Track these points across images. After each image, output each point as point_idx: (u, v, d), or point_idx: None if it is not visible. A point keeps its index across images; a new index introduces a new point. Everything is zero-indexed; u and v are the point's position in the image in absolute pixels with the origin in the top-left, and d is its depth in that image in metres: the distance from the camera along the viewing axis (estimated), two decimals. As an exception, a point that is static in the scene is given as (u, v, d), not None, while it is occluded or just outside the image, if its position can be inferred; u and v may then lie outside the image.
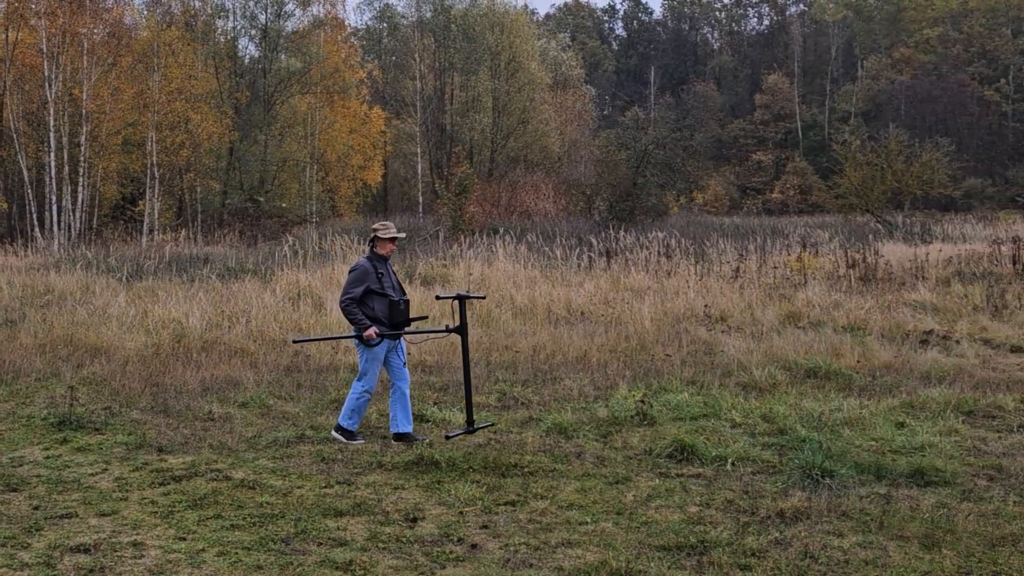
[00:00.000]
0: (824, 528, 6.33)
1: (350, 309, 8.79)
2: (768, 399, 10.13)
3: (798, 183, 78.75)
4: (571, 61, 77.68)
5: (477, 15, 62.05)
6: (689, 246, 24.16)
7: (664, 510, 6.73)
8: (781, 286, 18.41)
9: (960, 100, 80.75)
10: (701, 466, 7.85)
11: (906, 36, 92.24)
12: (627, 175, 42.29)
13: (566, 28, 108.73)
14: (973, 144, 77.77)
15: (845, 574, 5.57)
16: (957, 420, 9.29)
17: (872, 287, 18.45)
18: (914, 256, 22.09)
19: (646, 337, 13.70)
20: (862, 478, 7.43)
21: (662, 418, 9.33)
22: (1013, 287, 18.23)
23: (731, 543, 6.02)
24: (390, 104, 66.32)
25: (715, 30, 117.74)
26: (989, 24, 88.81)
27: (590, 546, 5.98)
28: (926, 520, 6.43)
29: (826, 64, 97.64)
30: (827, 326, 14.53)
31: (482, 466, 7.75)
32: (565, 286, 18.43)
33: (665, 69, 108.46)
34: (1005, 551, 5.90)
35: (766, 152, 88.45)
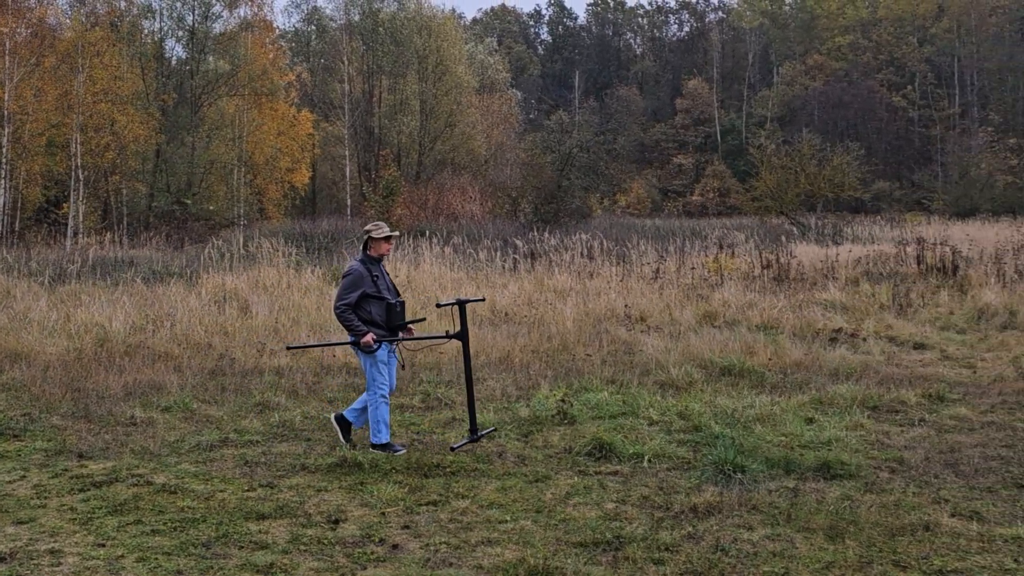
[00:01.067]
0: (735, 522, 6.44)
1: (346, 316, 8.32)
2: (684, 397, 10.28)
3: (717, 186, 79.85)
4: (497, 65, 77.82)
5: (405, 19, 61.82)
6: (611, 248, 24.37)
7: (582, 507, 6.80)
8: (699, 286, 18.66)
9: (870, 106, 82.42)
10: (619, 463, 7.93)
11: (819, 44, 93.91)
12: (552, 178, 42.55)
13: (493, 32, 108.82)
14: (882, 148, 79.46)
15: (754, 566, 5.66)
16: (863, 415, 9.53)
17: (785, 287, 18.77)
18: (825, 257, 22.55)
19: (568, 337, 13.79)
20: (772, 472, 7.57)
21: (582, 417, 9.41)
22: (917, 286, 18.71)
23: (646, 538, 6.10)
24: (318, 107, 65.72)
25: (637, 36, 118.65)
26: (896, 33, 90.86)
27: (509, 544, 6.03)
28: (831, 512, 6.58)
29: (744, 70, 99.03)
30: (742, 325, 14.76)
31: (405, 467, 7.75)
32: (490, 287, 18.46)
33: (589, 74, 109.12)
34: (904, 540, 6.07)
35: (686, 155, 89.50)
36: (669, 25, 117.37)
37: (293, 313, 15.71)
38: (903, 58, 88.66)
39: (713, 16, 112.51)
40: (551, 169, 43.39)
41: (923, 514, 6.56)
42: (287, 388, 10.93)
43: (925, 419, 9.46)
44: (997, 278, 18.89)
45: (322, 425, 9.29)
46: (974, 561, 5.75)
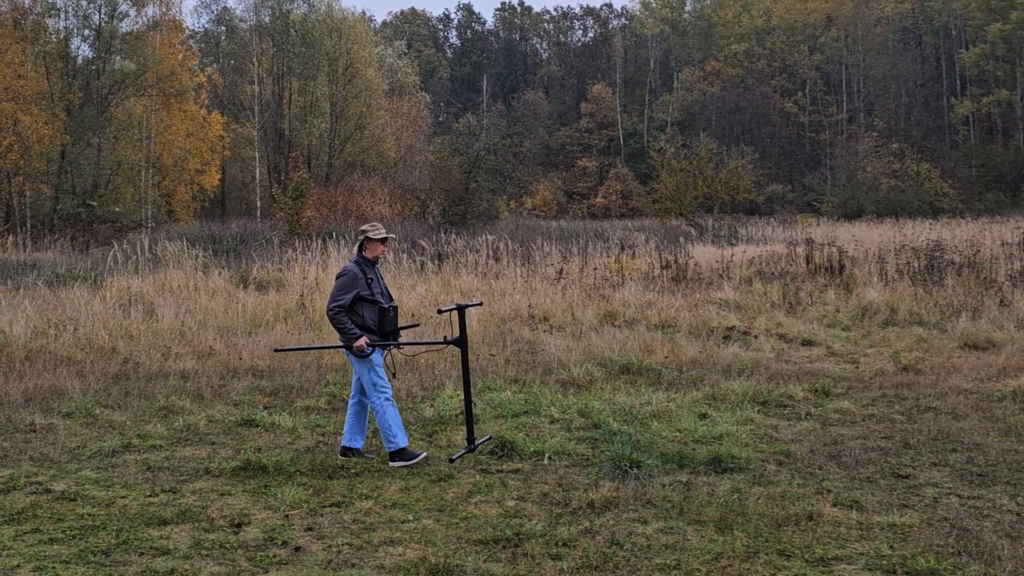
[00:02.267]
0: (630, 516, 6.54)
1: (339, 318, 7.94)
2: (585, 395, 10.40)
3: (620, 188, 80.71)
4: (407, 68, 77.46)
5: (315, 21, 61.10)
6: (517, 249, 24.46)
7: (483, 505, 6.83)
8: (601, 287, 18.84)
9: (764, 111, 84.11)
10: (520, 461, 8.00)
11: (717, 51, 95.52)
12: (460, 180, 42.54)
13: (402, 36, 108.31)
14: (775, 152, 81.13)
15: (647, 559, 5.75)
16: (753, 410, 9.76)
17: (683, 287, 19.06)
18: (721, 257, 22.98)
19: (473, 338, 13.77)
20: (667, 467, 7.71)
21: (485, 416, 9.46)
22: (806, 285, 19.19)
23: (544, 534, 6.15)
24: (228, 108, 64.54)
25: (544, 41, 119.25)
26: (789, 41, 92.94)
27: (411, 543, 6.03)
28: (721, 505, 6.73)
29: (645, 75, 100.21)
30: (641, 324, 14.98)
31: (309, 469, 7.68)
32: (398, 289, 18.36)
33: (497, 77, 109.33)
34: (789, 530, 6.22)
35: (591, 159, 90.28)
36: (574, 31, 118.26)
37: (200, 316, 15.44)
38: (795, 65, 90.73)
39: (616, 23, 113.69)
40: (459, 171, 43.39)
41: (807, 504, 6.75)
42: (192, 392, 10.74)
43: (811, 413, 9.74)
44: (880, 277, 19.49)
45: (227, 429, 9.15)
46: (853, 548, 5.93)
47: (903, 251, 23.23)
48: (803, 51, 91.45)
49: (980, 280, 18.39)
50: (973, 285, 17.94)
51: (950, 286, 18.02)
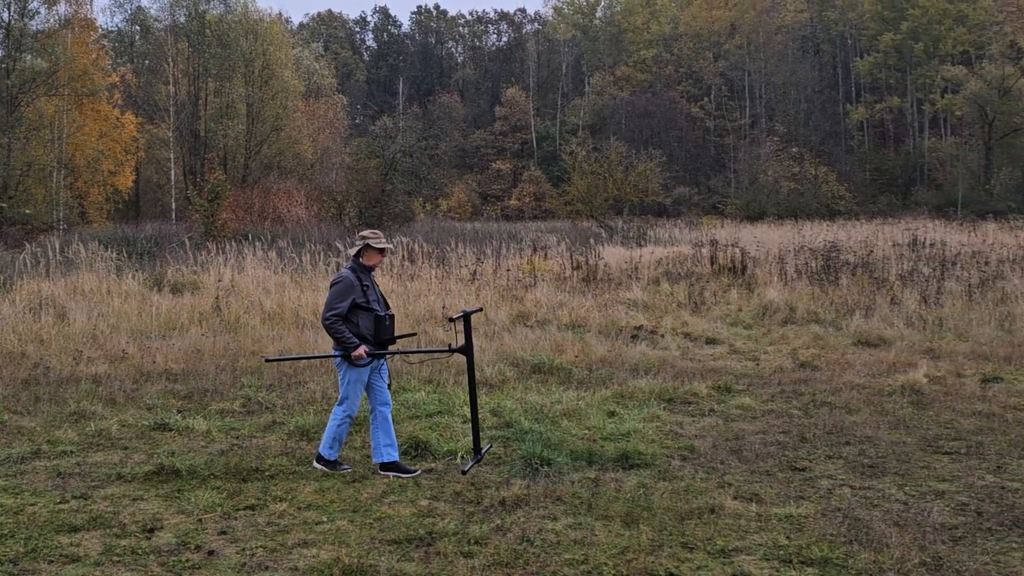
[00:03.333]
0: (540, 513, 6.59)
1: (336, 327, 7.53)
2: (498, 394, 10.45)
3: (533, 191, 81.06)
4: (324, 70, 76.58)
5: (231, 21, 59.99)
6: (432, 250, 24.43)
7: (397, 505, 6.82)
8: (514, 288, 18.90)
9: (671, 116, 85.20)
10: (434, 460, 8.01)
11: (626, 56, 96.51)
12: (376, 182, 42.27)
13: (319, 37, 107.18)
14: (682, 155, 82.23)
15: (556, 554, 5.80)
16: (659, 407, 9.92)
17: (593, 287, 19.24)
18: (630, 258, 23.27)
19: (388, 339, 13.75)
20: (576, 464, 7.78)
21: (400, 416, 9.42)
22: (711, 285, 19.55)
23: (457, 532, 6.17)
24: (143, 109, 63.00)
25: (459, 44, 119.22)
26: (695, 48, 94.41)
27: (325, 544, 5.99)
28: (628, 500, 6.83)
29: (558, 80, 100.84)
30: (552, 324, 15.07)
31: (223, 472, 7.56)
32: (314, 291, 18.20)
33: (413, 80, 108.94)
34: (692, 523, 6.35)
35: (505, 161, 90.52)
36: (489, 35, 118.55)
37: (113, 319, 15.08)
38: (701, 71, 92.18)
39: (530, 27, 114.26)
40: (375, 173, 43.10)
41: (709, 498, 6.89)
42: (104, 396, 10.46)
43: (714, 409, 9.93)
44: (780, 277, 19.94)
45: (140, 433, 8.96)
46: (752, 539, 6.08)
47: (802, 252, 23.81)
48: (708, 58, 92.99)
49: (873, 280, 18.94)
50: (866, 284, 18.48)
51: (845, 286, 18.53)
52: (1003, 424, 9.28)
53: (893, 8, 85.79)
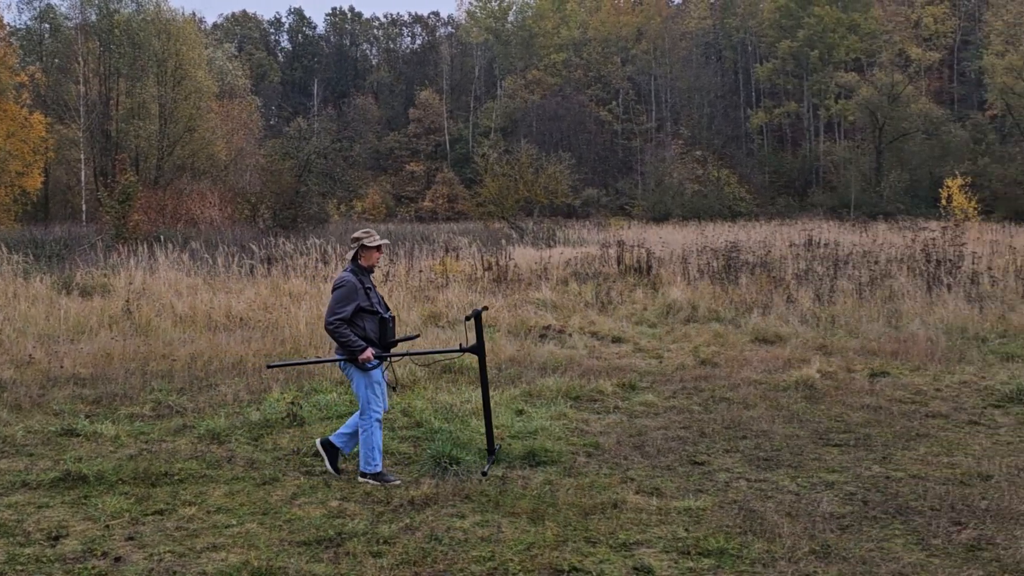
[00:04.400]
0: (449, 511, 6.62)
1: (341, 331, 7.27)
2: (409, 395, 10.40)
3: (446, 192, 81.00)
4: (238, 71, 75.25)
5: (143, 21, 58.53)
6: (346, 252, 24.18)
7: (307, 506, 6.77)
8: (426, 288, 18.87)
9: (581, 119, 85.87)
10: (344, 462, 7.94)
11: (537, 60, 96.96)
12: (291, 184, 41.75)
13: (233, 38, 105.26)
14: (591, 158, 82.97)
15: (464, 552, 5.83)
16: (566, 405, 10.01)
17: (503, 287, 19.30)
18: (540, 259, 23.41)
19: (301, 340, 13.60)
20: (484, 463, 7.83)
21: (311, 418, 9.35)
22: (617, 285, 19.77)
23: (366, 533, 6.16)
24: (52, 109, 61.03)
25: (374, 47, 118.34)
26: (603, 53, 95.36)
27: (234, 548, 5.91)
28: (534, 497, 6.88)
29: (471, 82, 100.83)
30: (463, 325, 15.06)
31: (132, 477, 7.39)
32: (226, 293, 17.93)
33: (328, 82, 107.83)
34: (595, 518, 6.44)
35: (419, 163, 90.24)
36: (403, 37, 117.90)
37: (19, 323, 14.61)
38: (609, 76, 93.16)
39: (443, 30, 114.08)
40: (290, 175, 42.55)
41: (613, 493, 6.99)
42: (9, 402, 10.11)
43: (619, 406, 10.06)
44: (683, 277, 20.29)
45: (46, 439, 8.71)
46: (653, 532, 6.19)
47: (704, 252, 24.23)
48: (616, 62, 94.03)
49: (770, 279, 19.36)
50: (764, 283, 18.90)
51: (744, 285, 18.93)
52: (889, 416, 9.60)
53: (790, 16, 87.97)
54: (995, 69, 72.20)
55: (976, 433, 8.98)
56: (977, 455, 8.13)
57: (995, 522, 6.34)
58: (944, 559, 5.74)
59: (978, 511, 6.57)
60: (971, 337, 14.19)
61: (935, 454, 8.21)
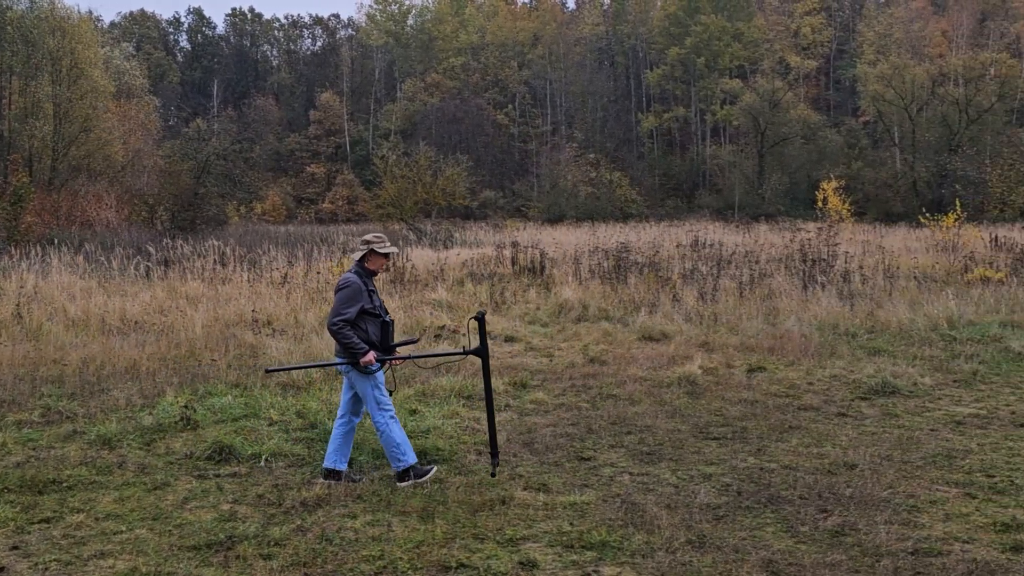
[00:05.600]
0: (340, 512, 6.58)
1: (344, 333, 7.10)
2: (304, 396, 10.28)
3: (346, 194, 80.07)
4: (135, 71, 72.92)
5: (36, 18, 56.17)
6: (244, 254, 23.81)
7: (199, 511, 6.65)
8: (324, 290, 18.65)
9: (479, 122, 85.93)
10: (238, 464, 7.83)
11: (437, 63, 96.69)
12: (189, 185, 40.89)
13: (131, 37, 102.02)
14: (488, 160, 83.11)
15: (355, 552, 5.82)
16: (459, 404, 10.03)
17: (400, 288, 19.23)
18: (437, 260, 23.36)
19: (196, 343, 13.31)
20: (377, 462, 7.80)
21: (205, 421, 9.16)
22: (511, 285, 19.88)
23: (257, 535, 6.09)
24: (-62, 108, 58.26)
25: (274, 48, 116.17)
26: (501, 57, 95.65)
27: (123, 554, 5.78)
28: (425, 495, 6.89)
29: (371, 85, 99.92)
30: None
31: (18, 485, 7.13)
32: (121, 296, 17.44)
33: (228, 83, 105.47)
34: (484, 515, 6.49)
35: (319, 165, 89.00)
36: (304, 39, 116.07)
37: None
38: (506, 80, 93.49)
39: (344, 32, 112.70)
40: (189, 176, 41.64)
41: (501, 490, 7.04)
42: None
43: (510, 404, 10.13)
44: (575, 277, 20.52)
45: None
46: (539, 527, 6.26)
47: (596, 253, 24.54)
48: (513, 67, 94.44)
49: (658, 278, 19.72)
50: (652, 283, 19.24)
51: (633, 284, 19.24)
52: (764, 410, 9.90)
53: (679, 24, 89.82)
54: (867, 77, 75.06)
55: (844, 424, 9.32)
56: (844, 445, 8.44)
57: (858, 508, 6.61)
58: (811, 545, 5.95)
59: (843, 498, 6.83)
60: (842, 333, 14.71)
61: (806, 445, 8.50)
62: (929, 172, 61.49)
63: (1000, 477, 7.36)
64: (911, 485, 7.18)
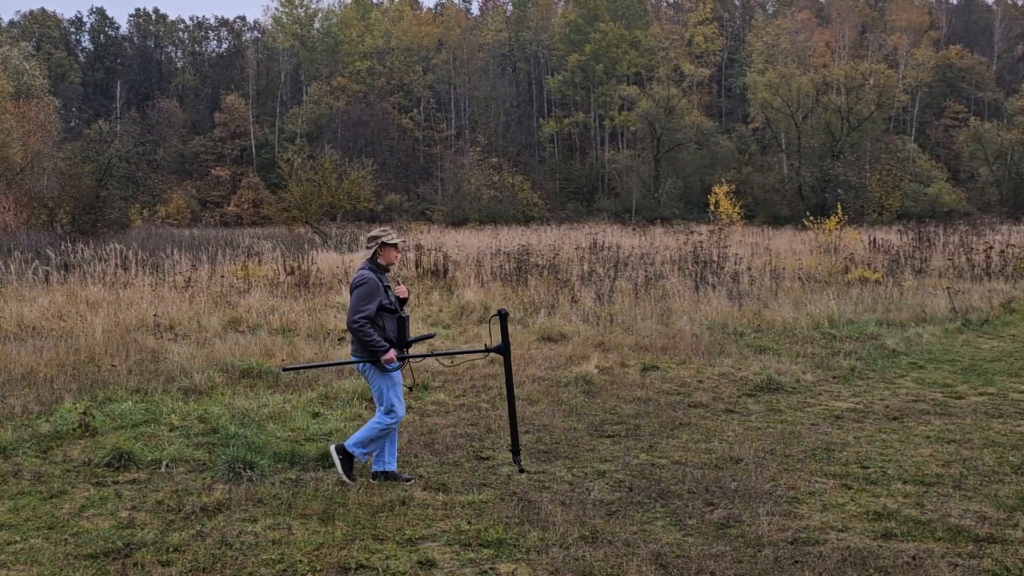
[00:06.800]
0: (241, 516, 6.48)
1: (365, 330, 6.92)
2: (206, 401, 10.07)
3: (252, 197, 78.53)
4: (35, 71, 70.14)
5: (-71, 16, 53.84)
6: (147, 258, 23.19)
7: (96, 518, 6.46)
8: (228, 294, 18.30)
9: (384, 126, 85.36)
10: (138, 471, 7.63)
11: (343, 67, 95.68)
12: (91, 188, 39.56)
13: (31, 37, 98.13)
14: (393, 164, 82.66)
15: (255, 555, 5.74)
16: (361, 407, 9.95)
17: (305, 292, 18.97)
18: (342, 263, 23.12)
19: (96, 349, 12.89)
20: (279, 466, 7.69)
21: (104, 428, 8.89)
22: (415, 287, 19.83)
23: (156, 542, 5.95)
24: None
25: (179, 49, 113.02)
26: (406, 61, 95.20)
27: (16, 565, 5.58)
28: (325, 498, 6.84)
29: (277, 88, 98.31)
30: (263, 329, 14.71)
31: (-96, 499, 6.84)
32: (19, 301, 16.78)
33: (131, 84, 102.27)
34: (384, 516, 6.47)
35: (224, 168, 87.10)
36: (209, 41, 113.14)
37: None
38: (411, 84, 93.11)
39: (249, 35, 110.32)
40: (90, 179, 40.29)
41: (401, 491, 7.04)
42: None
43: (411, 406, 10.09)
44: (477, 279, 20.57)
45: None
46: (438, 527, 6.28)
47: (498, 255, 24.63)
48: (418, 71, 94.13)
49: (557, 280, 19.92)
50: (551, 285, 19.43)
51: (533, 286, 19.38)
52: (657, 408, 10.12)
53: (579, 32, 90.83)
54: (756, 85, 77.22)
55: (731, 420, 9.60)
56: (731, 441, 8.69)
57: (742, 501, 6.81)
58: (697, 537, 6.11)
59: (728, 492, 7.04)
60: (731, 332, 15.12)
61: (695, 441, 8.72)
62: (813, 177, 63.53)
63: (874, 468, 7.68)
64: (792, 477, 7.44)
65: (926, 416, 9.69)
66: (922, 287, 20.48)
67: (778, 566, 5.59)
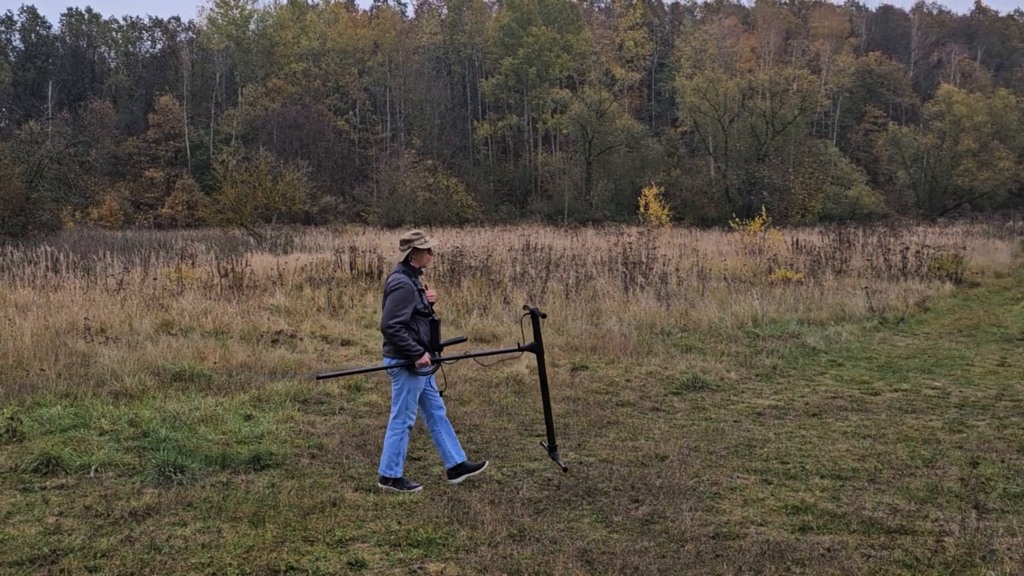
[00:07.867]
0: (170, 520, 6.40)
1: (401, 335, 6.86)
2: (136, 404, 9.89)
3: (186, 199, 76.94)
4: (-35, 70, 68.01)
5: None
6: (78, 260, 22.64)
7: (22, 525, 6.32)
8: (161, 296, 17.94)
9: (319, 128, 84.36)
10: (66, 476, 7.48)
11: (278, 69, 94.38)
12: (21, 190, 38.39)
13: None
14: (329, 166, 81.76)
15: (184, 559, 5.67)
16: (294, 408, 9.90)
17: (239, 294, 18.69)
18: (276, 265, 22.84)
19: (24, 353, 12.55)
20: (210, 469, 7.61)
21: (32, 433, 8.68)
22: (349, 290, 19.67)
23: (83, 547, 5.85)
24: None
25: (112, 50, 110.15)
26: (341, 63, 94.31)
27: (-61, 575, 5.47)
28: (256, 500, 6.78)
29: (211, 89, 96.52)
30: (196, 332, 14.46)
31: None
32: (-58, 304, 16.28)
33: (63, 84, 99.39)
34: (315, 517, 6.44)
35: (158, 169, 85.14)
36: (143, 41, 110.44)
37: None
38: (347, 86, 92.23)
39: (184, 36, 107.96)
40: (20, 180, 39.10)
41: (333, 492, 7.03)
42: None
43: (344, 408, 10.08)
44: (412, 280, 20.44)
45: None
46: (368, 528, 6.28)
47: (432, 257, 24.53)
48: (353, 73, 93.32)
49: (490, 281, 19.96)
50: (484, 286, 19.46)
51: (466, 287, 19.40)
52: (585, 407, 10.23)
53: (512, 35, 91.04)
54: (685, 90, 78.20)
55: (657, 418, 9.75)
56: (657, 438, 8.83)
57: (667, 497, 6.93)
58: (623, 533, 6.20)
59: (654, 488, 7.16)
60: (658, 332, 15.32)
61: (622, 439, 8.84)
62: (739, 179, 64.59)
63: (793, 464, 7.87)
64: (715, 474, 7.59)
65: (844, 412, 9.96)
66: (842, 287, 20.98)
67: (700, 560, 5.71)
